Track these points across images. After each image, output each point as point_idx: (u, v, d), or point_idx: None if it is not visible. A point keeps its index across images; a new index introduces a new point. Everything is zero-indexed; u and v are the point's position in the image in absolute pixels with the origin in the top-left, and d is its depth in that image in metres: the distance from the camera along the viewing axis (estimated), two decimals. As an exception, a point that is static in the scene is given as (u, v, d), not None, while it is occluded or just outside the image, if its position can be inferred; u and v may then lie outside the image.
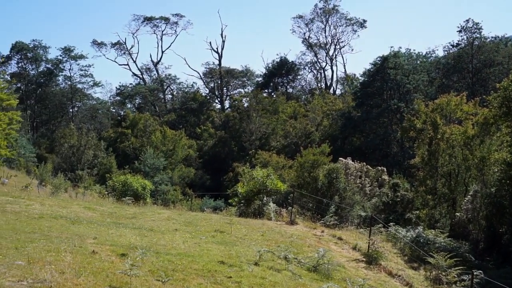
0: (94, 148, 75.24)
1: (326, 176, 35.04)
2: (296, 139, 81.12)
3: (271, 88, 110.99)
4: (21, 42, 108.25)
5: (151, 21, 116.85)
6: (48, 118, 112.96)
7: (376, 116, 77.29)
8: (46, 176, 53.33)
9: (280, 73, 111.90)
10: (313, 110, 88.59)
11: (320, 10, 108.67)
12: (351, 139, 79.81)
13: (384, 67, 77.86)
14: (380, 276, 19.08)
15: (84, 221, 20.48)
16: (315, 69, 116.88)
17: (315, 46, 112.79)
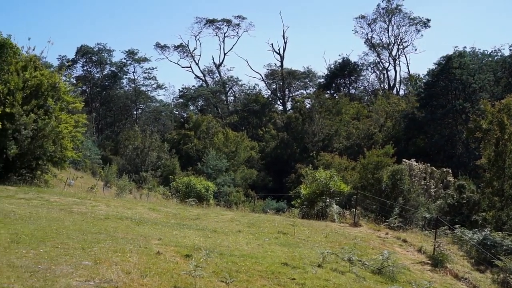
0: (157, 150, 76.10)
1: (390, 178, 34.67)
2: (359, 140, 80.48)
3: (333, 89, 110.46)
4: (86, 46, 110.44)
5: (213, 23, 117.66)
6: (113, 120, 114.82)
7: (440, 116, 75.96)
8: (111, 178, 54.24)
9: (343, 74, 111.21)
10: (376, 111, 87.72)
11: (383, 10, 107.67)
12: (415, 140, 78.63)
13: (448, 67, 76.52)
14: (446, 279, 18.70)
15: (149, 222, 20.69)
16: (377, 70, 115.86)
17: (378, 46, 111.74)
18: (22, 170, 35.85)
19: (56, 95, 37.24)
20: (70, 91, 40.00)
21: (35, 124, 34.45)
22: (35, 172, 36.70)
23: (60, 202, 24.40)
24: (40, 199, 25.01)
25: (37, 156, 35.83)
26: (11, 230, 15.11)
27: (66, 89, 38.48)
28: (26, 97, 35.45)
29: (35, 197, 25.42)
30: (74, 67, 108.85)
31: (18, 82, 35.18)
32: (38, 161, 36.44)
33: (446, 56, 78.76)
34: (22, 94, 35.11)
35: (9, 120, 33.92)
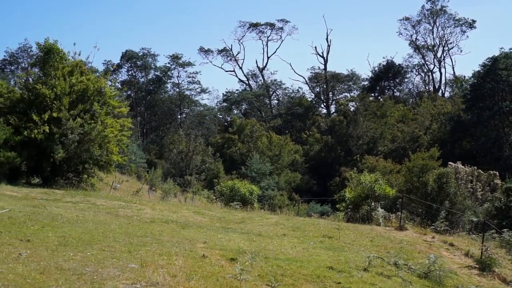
0: (202, 154, 76.47)
1: (435, 181, 34.21)
2: (404, 143, 79.65)
3: (377, 91, 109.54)
4: (131, 51, 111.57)
5: (256, 27, 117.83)
6: (157, 124, 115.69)
7: (487, 118, 74.70)
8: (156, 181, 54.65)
9: (387, 77, 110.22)
10: (422, 114, 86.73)
11: (427, 12, 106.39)
12: (461, 143, 77.44)
13: (495, 68, 75.21)
14: (494, 284, 18.37)
15: (194, 225, 20.78)
16: (422, 72, 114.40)
17: (423, 48, 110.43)
18: (69, 174, 36.36)
19: (102, 100, 37.66)
20: (116, 95, 40.40)
21: (82, 128, 34.88)
22: (81, 175, 37.17)
23: (107, 206, 24.67)
24: (87, 202, 25.33)
25: (83, 160, 36.28)
26: (59, 233, 15.31)
27: (111, 94, 38.90)
28: (72, 101, 35.91)
29: (82, 201, 25.76)
30: (119, 71, 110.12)
31: (64, 87, 35.65)
32: (84, 165, 36.90)
33: (492, 57, 77.45)
34: (69, 99, 35.57)
35: (56, 125, 34.40)
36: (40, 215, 18.84)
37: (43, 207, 21.77)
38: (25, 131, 33.98)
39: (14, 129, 34.31)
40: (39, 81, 36.53)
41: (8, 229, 15.37)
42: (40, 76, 37.97)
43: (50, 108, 34.75)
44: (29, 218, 17.76)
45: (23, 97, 36.49)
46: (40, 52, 38.51)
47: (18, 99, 36.61)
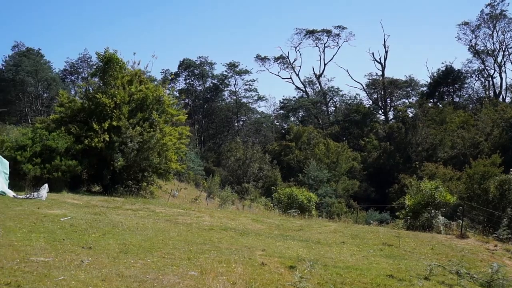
0: (259, 161, 76.57)
1: (497, 188, 33.52)
2: (464, 149, 78.24)
3: (436, 97, 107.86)
4: (189, 59, 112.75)
5: (313, 34, 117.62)
6: (215, 132, 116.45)
7: (551, 123, 72.95)
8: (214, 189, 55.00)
9: (446, 82, 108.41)
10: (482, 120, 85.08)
11: (487, 16, 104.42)
12: (524, 149, 75.74)
13: (558, 72, 73.43)
14: (561, 295, 17.86)
15: (252, 233, 20.78)
16: (482, 77, 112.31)
17: (482, 53, 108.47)
18: (128, 182, 36.81)
19: (161, 108, 38.07)
20: (174, 104, 40.83)
21: (141, 136, 35.31)
22: (141, 183, 37.61)
23: (166, 213, 24.89)
24: (146, 210, 25.60)
25: (142, 168, 36.71)
26: (120, 241, 15.49)
27: (170, 102, 39.30)
28: (132, 110, 36.38)
29: (141, 208, 26.05)
30: (177, 80, 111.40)
31: (124, 96, 36.17)
32: (143, 172, 37.32)
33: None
34: (128, 108, 36.06)
35: (116, 133, 34.91)
36: (101, 223, 19.11)
37: (103, 214, 22.09)
38: (85, 139, 34.59)
39: (75, 138, 34.97)
40: (99, 91, 37.13)
41: (70, 236, 15.63)
42: (100, 85, 38.61)
43: (110, 117, 35.28)
44: (90, 226, 18.04)
45: (84, 106, 37.15)
46: (100, 62, 39.15)
47: (79, 108, 37.29)
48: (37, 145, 33.47)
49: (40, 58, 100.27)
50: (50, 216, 19.65)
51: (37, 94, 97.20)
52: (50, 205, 23.85)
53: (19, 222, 17.51)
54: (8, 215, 18.83)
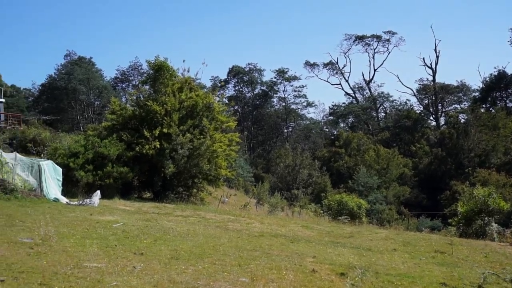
0: (308, 168, 76.33)
1: (553, 195, 32.82)
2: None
3: (489, 103, 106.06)
4: (238, 66, 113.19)
5: (362, 39, 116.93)
6: (264, 138, 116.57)
7: None
8: (264, 195, 55.00)
9: (498, 87, 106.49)
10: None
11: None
12: None
13: None
14: None
15: (303, 239, 20.71)
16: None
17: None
18: (179, 188, 37.08)
19: (211, 115, 38.28)
20: (224, 111, 40.99)
21: (191, 143, 35.54)
22: (191, 190, 37.85)
23: (216, 220, 24.99)
24: (197, 216, 25.74)
25: (193, 174, 36.94)
26: (171, 247, 15.59)
27: (220, 109, 39.50)
28: (182, 117, 36.67)
29: (192, 215, 26.21)
30: (226, 87, 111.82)
31: (174, 103, 36.47)
32: (194, 179, 37.55)
33: None
34: (179, 115, 36.35)
35: (167, 140, 35.22)
36: (152, 229, 19.27)
37: (155, 221, 22.29)
38: (137, 146, 34.98)
39: (126, 145, 35.39)
40: (150, 98, 37.54)
41: (122, 242, 15.79)
42: (150, 93, 39.03)
43: (161, 124, 35.62)
44: (142, 232, 18.21)
45: (135, 113, 37.59)
46: (150, 70, 39.61)
47: (130, 115, 37.74)
48: (89, 152, 33.98)
49: (92, 67, 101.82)
50: (103, 223, 19.91)
51: (88, 102, 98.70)
52: (102, 212, 24.18)
53: (73, 228, 17.78)
54: (61, 221, 19.13)
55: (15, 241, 14.21)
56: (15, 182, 26.21)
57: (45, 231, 15.23)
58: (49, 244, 14.09)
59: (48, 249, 13.52)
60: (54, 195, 27.28)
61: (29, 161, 28.61)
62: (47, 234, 15.02)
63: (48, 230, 15.35)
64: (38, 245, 13.92)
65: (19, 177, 27.12)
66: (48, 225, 16.18)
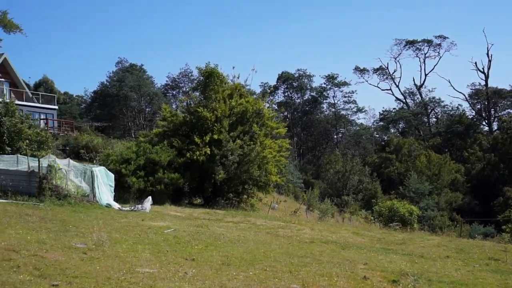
0: (358, 174, 75.80)
1: None
2: None
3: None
4: (287, 72, 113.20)
5: (413, 44, 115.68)
6: (314, 144, 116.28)
7: None
8: (314, 202, 54.78)
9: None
10: None
11: None
12: None
13: None
14: None
15: (354, 246, 20.58)
16: None
17: None
18: (229, 194, 37.26)
19: (261, 121, 38.36)
20: (273, 117, 41.05)
21: (241, 149, 35.67)
22: (241, 196, 37.97)
23: (266, 226, 25.00)
24: (247, 222, 25.80)
25: (243, 180, 37.04)
26: (222, 253, 15.65)
27: (269, 115, 39.57)
28: (232, 123, 36.83)
29: (242, 221, 26.27)
30: (276, 93, 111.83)
31: (225, 110, 36.67)
32: (244, 185, 37.66)
33: None
34: (229, 121, 36.52)
35: (217, 146, 35.42)
36: (203, 235, 19.39)
37: (205, 227, 22.42)
38: (187, 153, 35.26)
39: (177, 151, 35.68)
40: (200, 104, 37.83)
41: (174, 248, 15.92)
42: (201, 99, 39.31)
43: (211, 130, 35.84)
44: (193, 238, 18.33)
45: (185, 120, 37.90)
46: (201, 76, 39.90)
47: (181, 122, 38.07)
48: (141, 159, 34.38)
49: (143, 74, 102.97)
50: (154, 228, 20.11)
51: (140, 108, 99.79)
52: (154, 217, 24.42)
53: (125, 233, 17.99)
54: (114, 227, 19.38)
55: (69, 246, 14.43)
56: (68, 188, 26.63)
57: (98, 237, 15.44)
58: (102, 250, 14.28)
59: (101, 254, 13.70)
60: (107, 201, 27.65)
61: (82, 167, 29.06)
62: (100, 240, 15.22)
63: (101, 236, 15.56)
64: (91, 250, 14.11)
65: (72, 183, 27.53)
66: (101, 230, 16.40)
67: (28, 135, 33.65)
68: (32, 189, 25.38)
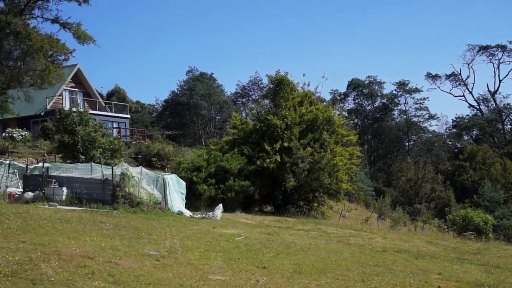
0: (431, 182, 74.60)
1: None
2: None
3: None
4: (357, 79, 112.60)
5: (486, 50, 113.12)
6: (385, 152, 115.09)
7: None
8: (385, 210, 54.21)
9: None
10: None
11: None
12: None
13: None
14: None
15: (427, 255, 20.20)
16: None
17: None
18: (299, 202, 37.17)
19: (331, 129, 38.22)
20: (344, 124, 40.83)
21: (311, 157, 35.57)
22: (312, 204, 37.86)
23: (337, 234, 24.82)
24: (318, 230, 25.67)
25: (313, 188, 36.91)
26: (293, 261, 15.58)
27: (340, 123, 39.37)
28: (302, 131, 36.80)
29: (313, 229, 26.16)
30: (346, 100, 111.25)
31: (295, 117, 36.65)
32: (314, 193, 37.52)
33: None
34: (299, 129, 36.49)
35: (287, 154, 35.43)
36: (274, 243, 19.36)
37: (276, 234, 22.39)
38: (258, 160, 35.34)
39: (247, 159, 35.82)
40: (270, 112, 37.90)
41: (245, 255, 15.94)
42: (271, 107, 39.38)
43: (281, 138, 35.87)
44: (264, 245, 18.32)
45: (256, 128, 38.04)
46: (271, 84, 39.98)
47: (251, 130, 38.24)
48: (212, 166, 34.66)
49: (213, 82, 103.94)
50: (225, 236, 20.20)
51: (210, 116, 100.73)
52: (225, 225, 24.55)
53: (196, 241, 18.12)
54: (186, 234, 19.55)
55: (142, 253, 14.61)
56: (141, 195, 27.03)
57: (171, 244, 15.59)
58: (175, 257, 14.40)
59: (174, 261, 13.82)
60: (178, 208, 27.94)
61: (154, 175, 29.47)
62: (173, 247, 15.38)
63: (173, 243, 15.72)
64: (164, 257, 14.24)
65: (144, 191, 27.94)
66: (173, 237, 16.58)
67: (101, 144, 34.38)
68: (106, 197, 25.85)
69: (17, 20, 22.85)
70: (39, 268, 11.23)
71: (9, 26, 22.94)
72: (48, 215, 19.86)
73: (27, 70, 24.22)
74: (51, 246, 14.08)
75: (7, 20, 22.52)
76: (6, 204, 24.35)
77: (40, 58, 23.52)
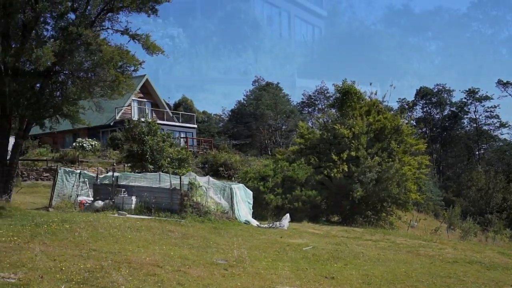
0: (502, 191, 72.90)
1: None
2: None
3: None
4: (426, 88, 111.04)
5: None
6: (454, 161, 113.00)
7: None
8: (455, 220, 53.16)
9: None
10: None
11: None
12: None
13: None
14: None
15: (500, 266, 19.66)
16: None
17: None
18: (367, 212, 36.78)
19: (399, 138, 37.77)
20: (412, 133, 40.30)
21: (379, 166, 35.18)
22: (379, 214, 37.41)
23: (406, 244, 24.42)
24: (387, 240, 25.32)
25: (381, 198, 36.45)
26: (362, 271, 15.41)
27: (408, 132, 38.88)
28: (370, 140, 36.45)
29: (381, 239, 25.82)
30: (414, 109, 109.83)
31: (362, 126, 36.35)
32: (382, 203, 37.06)
33: None
34: (366, 138, 36.16)
35: (355, 164, 35.13)
36: (342, 253, 19.18)
37: (344, 245, 22.18)
38: (324, 170, 35.17)
39: (314, 169, 35.68)
40: (337, 121, 37.69)
41: (313, 265, 15.85)
42: (338, 116, 39.18)
43: (349, 147, 35.61)
44: (332, 256, 18.17)
45: (322, 137, 37.88)
46: (337, 94, 39.82)
47: (318, 139, 38.10)
48: (278, 176, 34.64)
49: (279, 92, 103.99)
50: (293, 245, 20.12)
51: (276, 126, 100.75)
52: (292, 235, 24.47)
53: (264, 250, 18.10)
54: (253, 244, 19.55)
55: (211, 262, 14.67)
56: (208, 204, 27.17)
57: (238, 253, 15.63)
58: (243, 266, 14.41)
59: (242, 270, 13.83)
60: (245, 218, 27.97)
61: (221, 185, 29.61)
62: (240, 256, 15.40)
63: (241, 252, 15.74)
64: (232, 266, 14.28)
65: (212, 200, 28.08)
66: (240, 247, 16.61)
67: (169, 154, 34.80)
68: (174, 206, 26.08)
69: (88, 32, 23.22)
70: (110, 276, 11.39)
71: (80, 38, 23.34)
72: (118, 223, 20.16)
73: (98, 81, 24.63)
74: (121, 254, 14.28)
75: (78, 32, 22.92)
76: (77, 212, 24.84)
77: (110, 69, 23.92)
